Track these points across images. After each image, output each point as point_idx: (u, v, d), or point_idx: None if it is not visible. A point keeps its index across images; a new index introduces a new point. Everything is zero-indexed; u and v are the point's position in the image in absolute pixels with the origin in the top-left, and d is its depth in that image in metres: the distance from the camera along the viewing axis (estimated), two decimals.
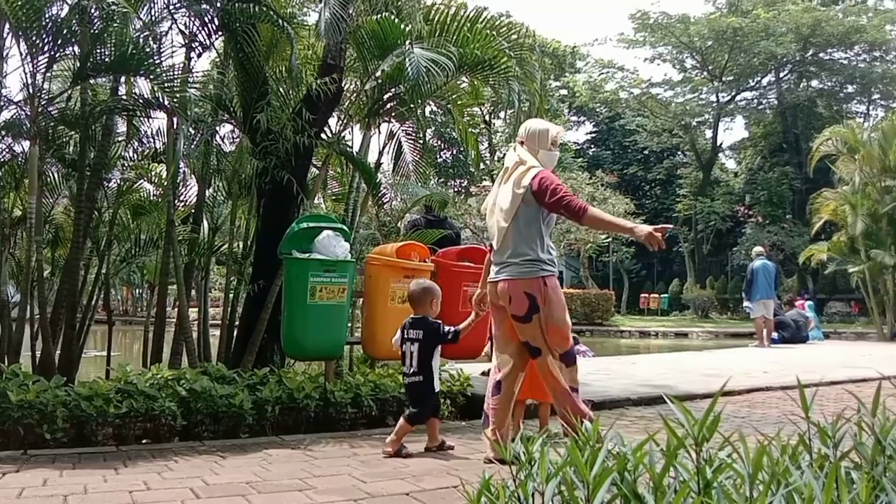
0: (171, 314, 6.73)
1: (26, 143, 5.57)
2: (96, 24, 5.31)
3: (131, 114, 6.04)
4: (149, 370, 5.01)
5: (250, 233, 6.64)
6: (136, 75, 5.42)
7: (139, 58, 5.20)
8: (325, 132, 6.83)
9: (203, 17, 5.93)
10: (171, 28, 5.95)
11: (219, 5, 5.88)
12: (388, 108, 7.01)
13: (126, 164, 6.60)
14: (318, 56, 7.01)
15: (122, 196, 6.52)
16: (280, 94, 6.25)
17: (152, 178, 6.97)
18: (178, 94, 5.23)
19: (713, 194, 34.18)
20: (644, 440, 1.62)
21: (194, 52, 6.04)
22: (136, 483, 3.39)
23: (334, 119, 7.47)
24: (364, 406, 5.09)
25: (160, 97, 5.34)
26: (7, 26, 5.19)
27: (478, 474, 1.72)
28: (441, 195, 9.28)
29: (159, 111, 5.69)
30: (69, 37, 5.30)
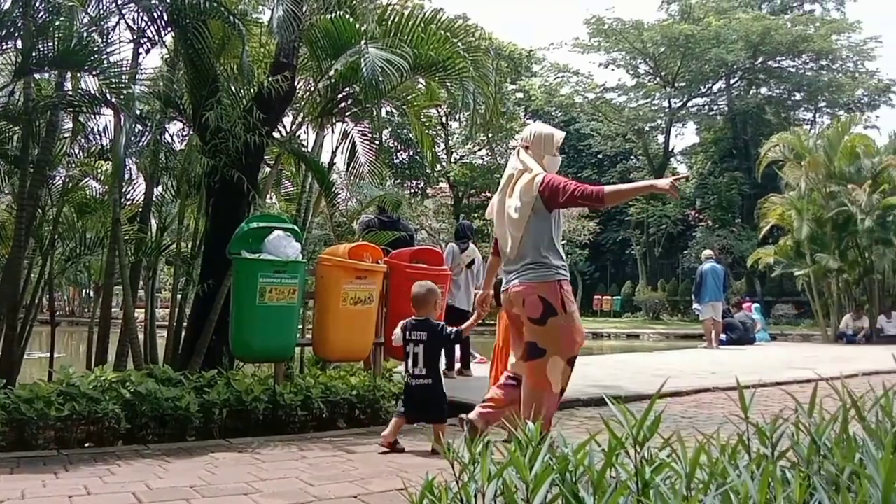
0: (118, 315, 6.59)
1: None
2: (41, 17, 5.18)
3: (77, 110, 5.88)
4: (93, 372, 4.89)
5: (199, 232, 6.53)
6: (81, 71, 5.30)
7: (84, 53, 5.09)
8: (278, 131, 6.76)
9: (152, 12, 5.81)
10: (118, 23, 5.82)
11: (168, 1, 5.77)
12: (342, 107, 6.97)
13: (71, 162, 6.45)
14: (270, 54, 6.95)
15: (67, 194, 6.35)
16: (231, 91, 6.16)
17: (98, 175, 6.82)
18: (124, 91, 5.12)
19: (665, 198, 34.65)
20: (585, 441, 1.63)
21: (143, 49, 5.92)
22: (77, 488, 3.31)
23: (289, 118, 7.41)
24: (314, 408, 5.05)
25: (106, 93, 5.22)
26: None
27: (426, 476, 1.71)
28: (394, 196, 9.24)
29: (106, 107, 5.57)
30: (12, 30, 5.16)
